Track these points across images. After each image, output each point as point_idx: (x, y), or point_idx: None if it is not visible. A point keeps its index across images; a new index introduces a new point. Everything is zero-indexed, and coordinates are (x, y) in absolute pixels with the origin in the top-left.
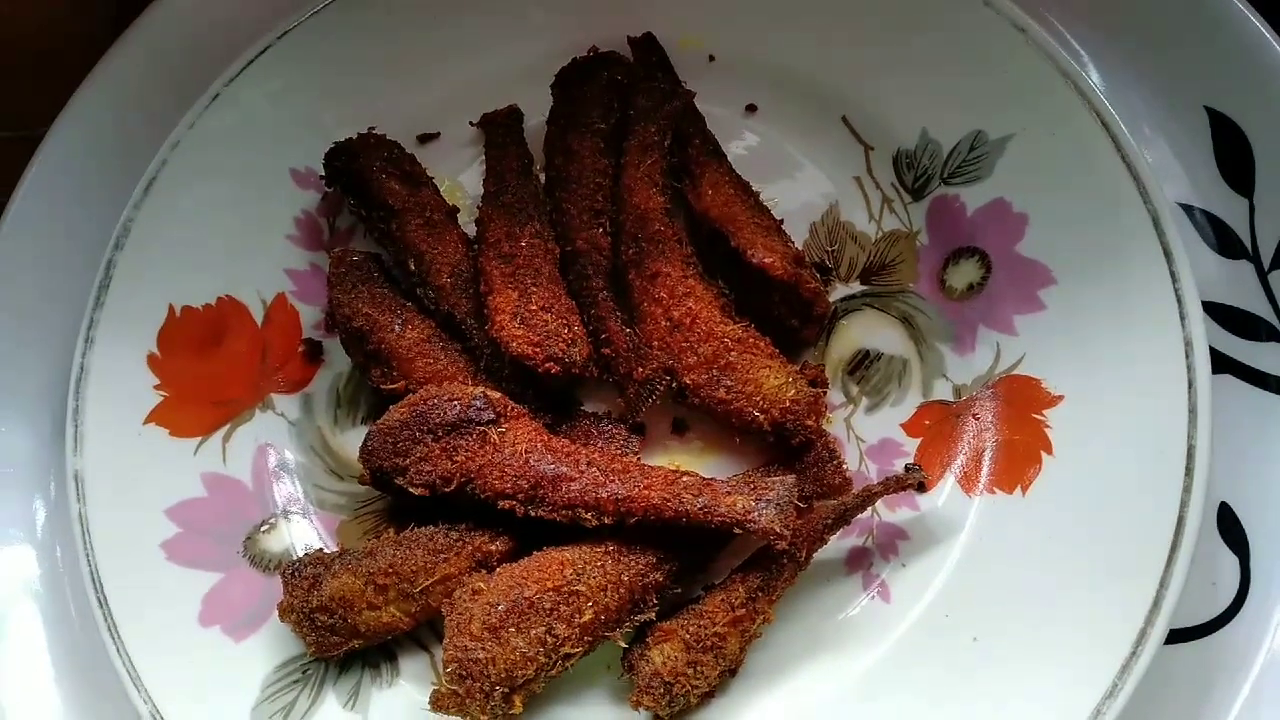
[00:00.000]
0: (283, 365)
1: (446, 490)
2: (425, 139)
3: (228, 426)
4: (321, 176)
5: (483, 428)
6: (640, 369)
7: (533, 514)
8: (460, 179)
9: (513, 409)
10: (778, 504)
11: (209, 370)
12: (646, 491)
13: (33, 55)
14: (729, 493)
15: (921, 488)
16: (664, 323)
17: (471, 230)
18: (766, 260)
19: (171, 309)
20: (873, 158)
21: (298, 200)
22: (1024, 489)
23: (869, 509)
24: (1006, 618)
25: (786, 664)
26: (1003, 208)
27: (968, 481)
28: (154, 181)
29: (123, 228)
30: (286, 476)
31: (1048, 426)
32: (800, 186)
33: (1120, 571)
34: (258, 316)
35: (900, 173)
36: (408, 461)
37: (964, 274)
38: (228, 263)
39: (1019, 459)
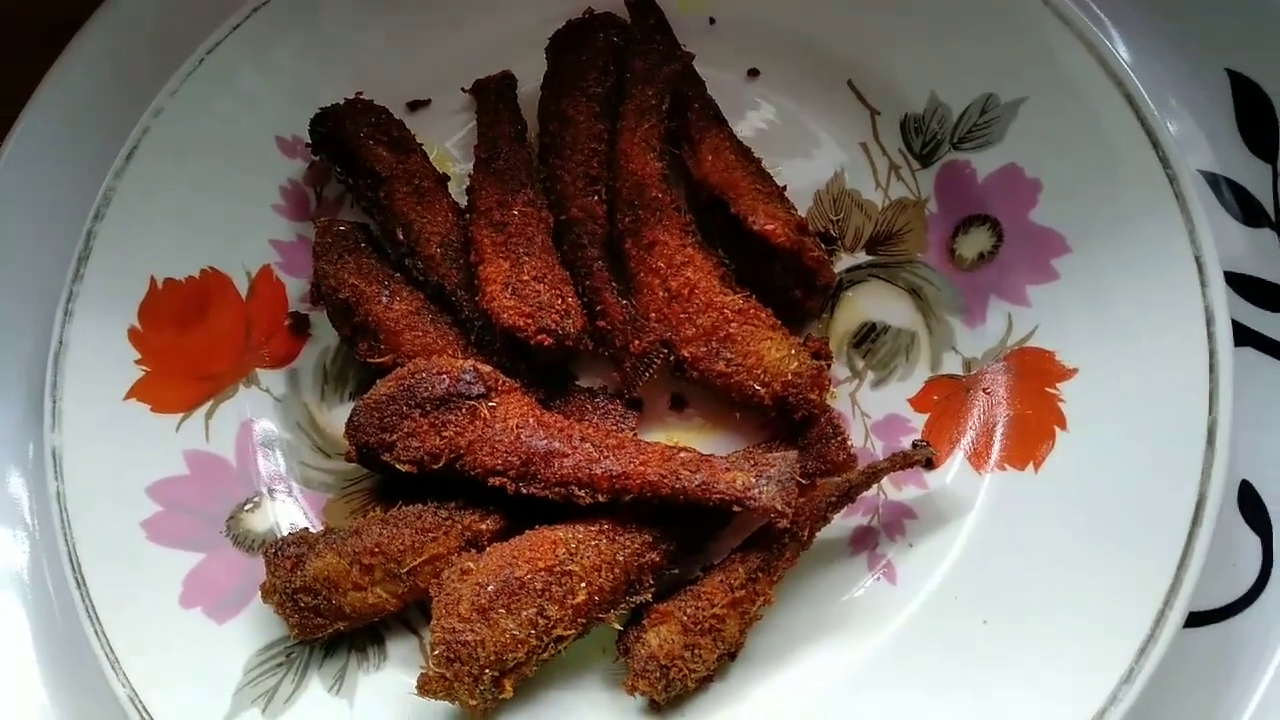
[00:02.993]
0: (268, 339)
1: (435, 467)
2: (415, 106)
3: (211, 402)
4: (308, 144)
5: (472, 402)
6: (637, 341)
7: (524, 491)
8: (451, 147)
9: (504, 383)
10: (779, 480)
11: (192, 344)
12: (642, 468)
13: (14, 25)
14: (728, 469)
15: (929, 465)
16: (661, 293)
17: (462, 199)
18: (768, 227)
19: (153, 281)
20: (879, 123)
21: (284, 169)
22: (1036, 466)
23: (874, 487)
24: (1018, 600)
25: (788, 648)
26: (1015, 174)
27: (978, 458)
28: (136, 150)
29: (103, 197)
30: (271, 454)
31: (1061, 401)
32: (804, 153)
33: (1137, 552)
34: (242, 289)
35: (908, 138)
36: (395, 437)
37: (974, 243)
38: (211, 234)
39: (1031, 435)
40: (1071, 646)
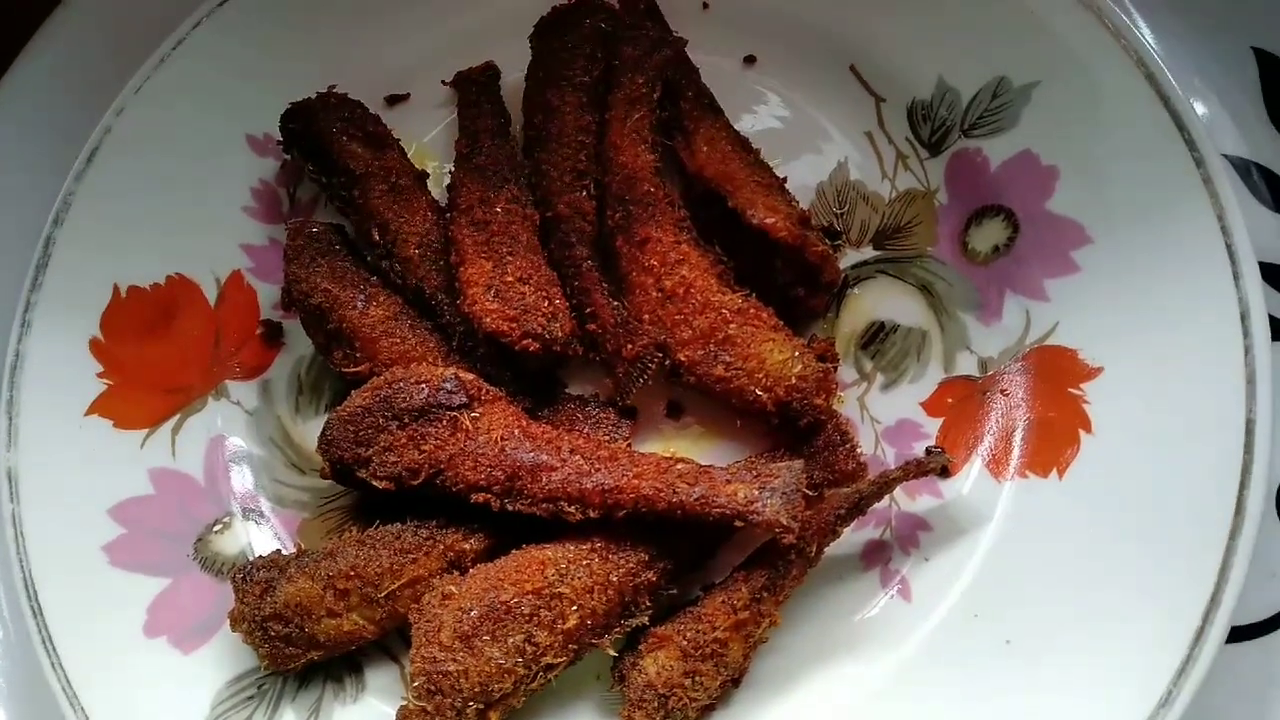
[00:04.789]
0: (238, 349)
1: (414, 483)
2: (394, 100)
3: (177, 417)
4: (279, 142)
5: (454, 413)
6: (630, 346)
7: (510, 508)
8: (430, 142)
9: (487, 392)
10: (784, 492)
11: (157, 356)
12: (637, 481)
13: None
14: (729, 481)
15: (945, 473)
16: (655, 293)
17: (443, 198)
18: (768, 220)
19: (116, 289)
20: (885, 110)
21: (255, 169)
22: (1060, 472)
23: (886, 497)
24: (1043, 617)
25: (796, 672)
26: (1030, 161)
27: (997, 465)
28: (97, 151)
29: (63, 201)
30: (242, 471)
31: (1086, 402)
32: (805, 144)
33: (1172, 563)
34: (211, 296)
35: (915, 126)
36: (371, 452)
37: (988, 235)
38: (178, 238)
39: (1054, 439)
40: (1103, 668)
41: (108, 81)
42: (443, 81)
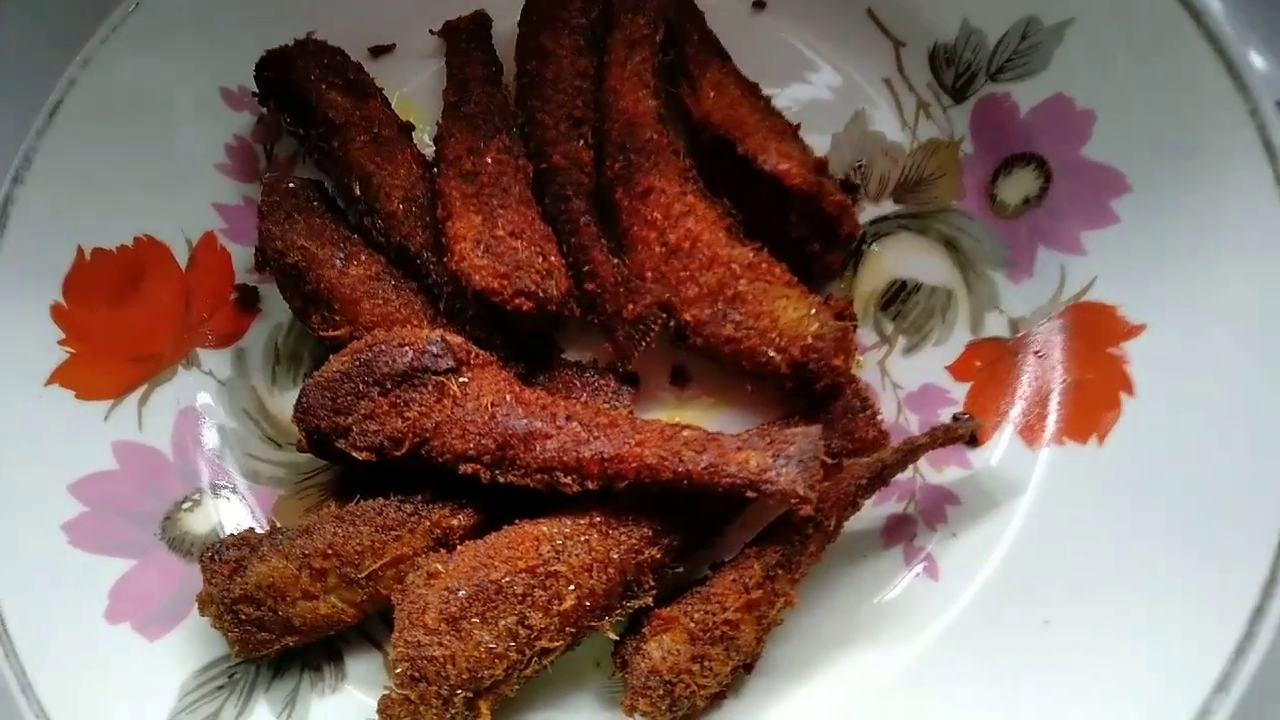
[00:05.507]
0: (211, 315)
1: (397, 454)
2: (378, 52)
3: (145, 387)
4: (255, 94)
5: (440, 377)
6: (631, 305)
7: (501, 480)
8: (416, 95)
9: (477, 356)
10: (800, 460)
11: (123, 322)
12: (639, 449)
13: None
14: (740, 448)
15: (973, 441)
16: (658, 248)
17: (429, 153)
18: (781, 166)
19: (80, 252)
20: (904, 55)
21: (230, 124)
22: (1100, 438)
23: (910, 467)
24: (1084, 596)
25: (813, 657)
26: (1063, 106)
27: (1030, 432)
28: (60, 106)
29: (23, 159)
30: (214, 445)
31: (1127, 362)
32: (819, 92)
33: (1224, 533)
34: (181, 259)
35: (938, 71)
36: (350, 420)
37: (1018, 186)
38: (147, 197)
39: (1093, 403)
40: (1152, 649)
41: (72, 32)
42: (431, 31)
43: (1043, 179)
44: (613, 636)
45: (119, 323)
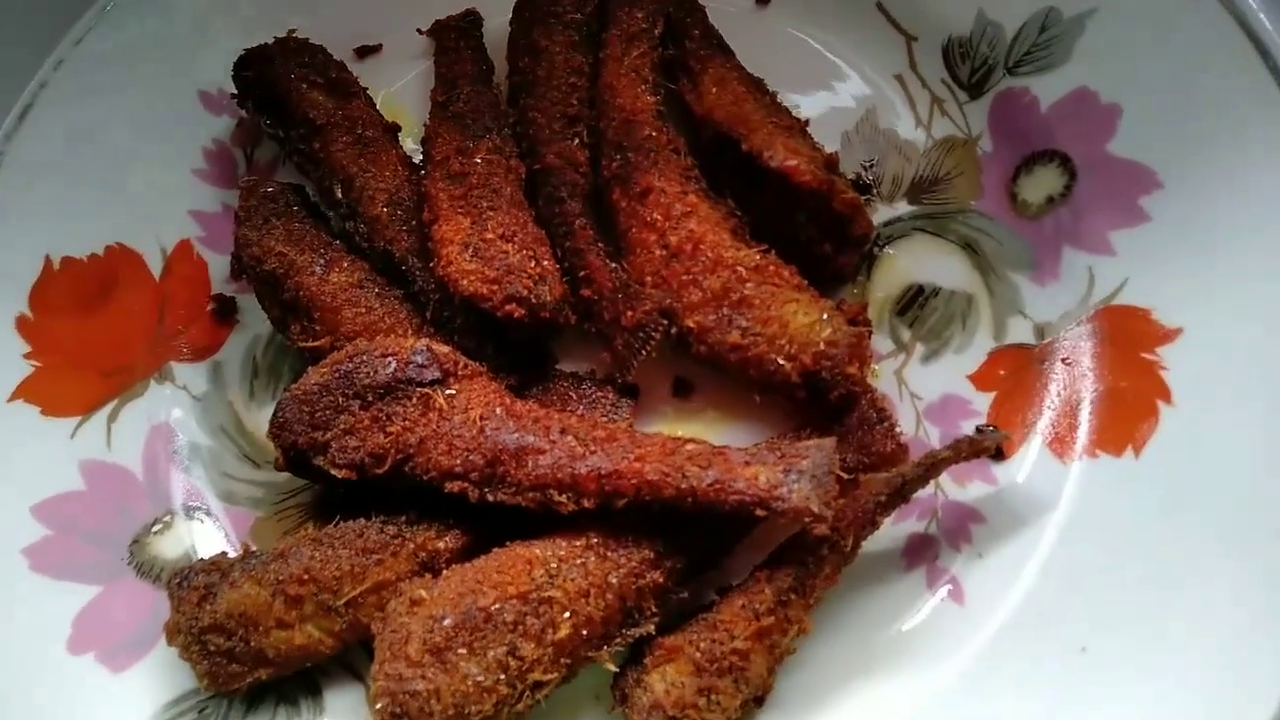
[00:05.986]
0: (186, 327)
1: (379, 472)
2: (364, 52)
3: (114, 403)
4: (234, 95)
5: (425, 389)
6: (630, 312)
7: (490, 498)
8: (403, 95)
9: (465, 366)
10: (814, 475)
11: (93, 334)
12: (639, 464)
13: None
14: (748, 463)
15: (999, 454)
16: (659, 251)
17: (417, 156)
18: (789, 162)
19: (48, 261)
20: (917, 50)
21: (208, 128)
22: (1137, 450)
23: (932, 483)
24: (1123, 621)
25: (829, 689)
26: (1087, 99)
27: (1060, 444)
28: (30, 108)
29: None
30: (188, 464)
31: (1163, 368)
32: (827, 90)
33: (1274, 549)
34: (155, 268)
35: (953, 66)
36: (329, 436)
37: (1041, 184)
38: (120, 204)
39: (1128, 412)
40: (1200, 677)
41: (45, 33)
42: (419, 30)
43: (1067, 176)
44: (612, 668)
45: (88, 335)
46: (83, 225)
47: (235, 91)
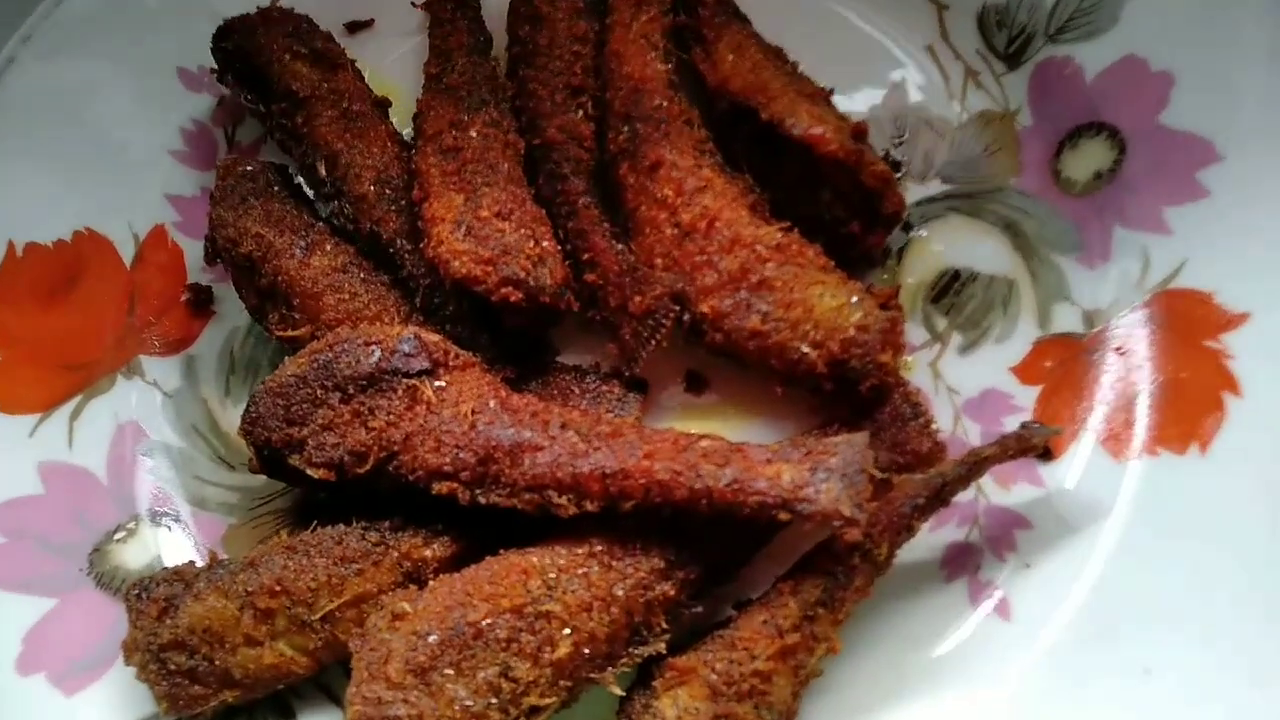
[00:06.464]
0: (159, 318)
1: (360, 471)
2: (355, 27)
3: (78, 399)
4: (214, 70)
5: (412, 381)
6: (639, 298)
7: (483, 500)
8: (397, 72)
9: (456, 357)
10: (844, 474)
11: (57, 325)
12: (648, 463)
13: None
14: (770, 461)
15: (1047, 454)
16: (670, 230)
17: (409, 134)
18: (814, 131)
19: (11, 247)
20: (949, 19)
21: (186, 106)
22: (1202, 446)
23: (972, 486)
24: (1191, 638)
25: (860, 716)
26: (1136, 67)
27: (1115, 441)
28: None
29: None
30: (156, 466)
31: (1228, 357)
32: (854, 62)
33: None
34: (126, 255)
35: (988, 35)
36: (306, 432)
37: (1087, 159)
38: (90, 187)
39: (1191, 405)
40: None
41: (13, 5)
42: (413, 3)
43: (1116, 151)
44: (617, 691)
45: (52, 326)
46: (50, 209)
47: (215, 66)
